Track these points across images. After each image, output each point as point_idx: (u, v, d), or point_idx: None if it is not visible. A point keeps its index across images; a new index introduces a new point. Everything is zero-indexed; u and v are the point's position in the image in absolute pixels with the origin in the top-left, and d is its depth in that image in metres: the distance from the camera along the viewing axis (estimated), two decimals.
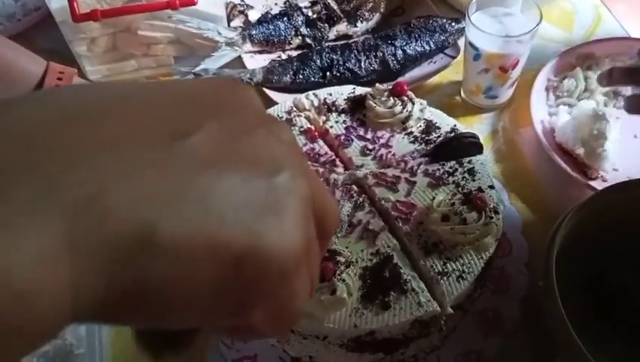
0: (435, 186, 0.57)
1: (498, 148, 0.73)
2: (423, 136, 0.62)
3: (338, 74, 0.77)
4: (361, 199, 0.57)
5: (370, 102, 0.63)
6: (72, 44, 0.77)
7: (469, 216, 0.51)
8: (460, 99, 0.78)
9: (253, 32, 0.81)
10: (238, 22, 0.85)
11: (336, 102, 0.66)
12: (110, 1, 0.74)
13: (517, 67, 0.71)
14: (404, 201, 0.56)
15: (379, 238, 0.53)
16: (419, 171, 0.58)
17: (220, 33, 0.78)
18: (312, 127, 0.64)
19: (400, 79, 0.79)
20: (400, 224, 0.54)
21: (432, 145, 0.61)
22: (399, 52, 0.78)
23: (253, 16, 0.85)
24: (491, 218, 0.52)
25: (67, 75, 0.56)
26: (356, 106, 0.65)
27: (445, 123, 0.63)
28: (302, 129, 0.64)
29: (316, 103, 0.66)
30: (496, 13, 0.71)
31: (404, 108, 0.62)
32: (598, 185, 0.65)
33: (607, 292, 0.59)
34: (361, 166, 0.60)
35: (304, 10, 0.84)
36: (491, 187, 0.57)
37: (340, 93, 0.67)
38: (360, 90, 0.67)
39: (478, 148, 0.60)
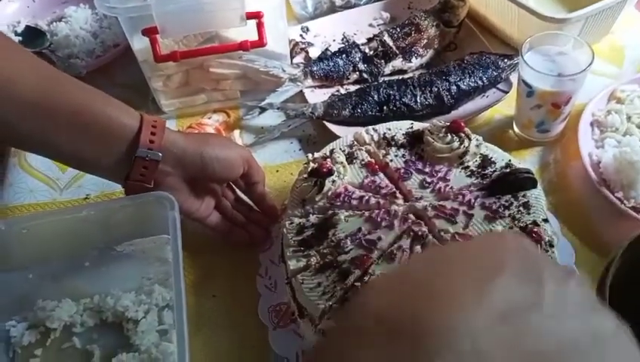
0: (491, 219, 0.61)
1: (550, 181, 0.76)
2: (479, 170, 0.65)
3: (394, 108, 0.82)
4: (420, 232, 0.61)
5: (429, 137, 0.67)
6: (150, 80, 0.85)
7: None
8: (513, 133, 0.82)
9: (314, 68, 0.87)
10: (299, 58, 0.91)
11: (395, 137, 0.70)
12: (186, 42, 0.81)
13: (569, 103, 0.74)
14: (462, 233, 0.60)
15: None
16: (476, 204, 0.62)
17: (284, 70, 0.84)
18: (373, 161, 0.68)
19: (453, 113, 0.83)
20: None
21: (487, 179, 0.64)
22: (453, 87, 0.82)
23: (314, 53, 0.91)
24: (547, 251, 0.55)
25: (159, 125, 0.61)
26: (414, 141, 0.70)
27: (500, 158, 0.66)
28: (363, 162, 0.68)
29: (376, 138, 0.71)
30: (549, 52, 0.74)
31: (461, 144, 0.66)
32: None
33: None
34: (420, 198, 0.64)
35: (361, 47, 0.89)
36: (546, 220, 0.60)
37: (399, 129, 0.71)
38: (418, 126, 0.71)
39: (532, 183, 0.63)
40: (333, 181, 0.65)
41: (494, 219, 0.61)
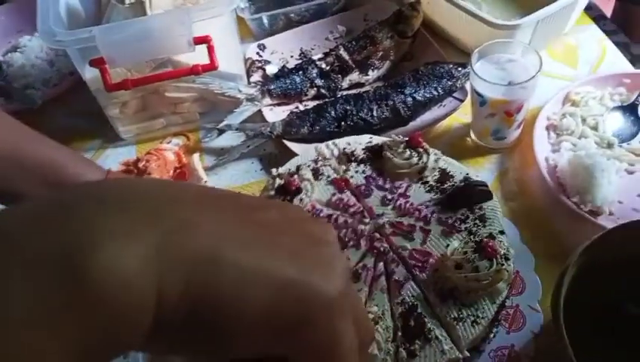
0: (448, 234, 0.61)
1: (509, 188, 0.77)
2: (438, 185, 0.65)
3: (352, 123, 0.82)
4: (382, 248, 0.61)
5: (388, 153, 0.67)
6: (105, 108, 0.84)
7: (481, 264, 0.55)
8: (470, 141, 0.82)
9: (272, 86, 0.86)
10: (257, 77, 0.90)
11: (355, 152, 0.70)
12: (138, 69, 0.80)
13: (522, 110, 0.74)
14: (419, 250, 0.60)
15: (404, 288, 0.57)
16: (432, 219, 0.62)
17: (240, 90, 0.84)
18: (338, 177, 0.68)
19: (411, 124, 0.83)
20: (417, 272, 0.58)
21: (446, 194, 0.64)
22: (409, 99, 0.82)
23: (271, 70, 0.91)
24: (502, 265, 0.55)
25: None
26: (374, 156, 0.69)
27: (458, 171, 0.66)
28: (329, 179, 0.68)
29: (336, 153, 0.70)
30: (499, 60, 0.75)
31: (419, 159, 0.66)
32: (605, 220, 0.68)
33: (621, 325, 0.62)
34: (381, 215, 0.64)
35: (318, 62, 0.89)
36: (502, 232, 0.60)
37: (358, 143, 0.71)
38: (377, 140, 0.71)
39: (487, 195, 0.63)
40: (301, 199, 0.65)
41: (451, 233, 0.61)
